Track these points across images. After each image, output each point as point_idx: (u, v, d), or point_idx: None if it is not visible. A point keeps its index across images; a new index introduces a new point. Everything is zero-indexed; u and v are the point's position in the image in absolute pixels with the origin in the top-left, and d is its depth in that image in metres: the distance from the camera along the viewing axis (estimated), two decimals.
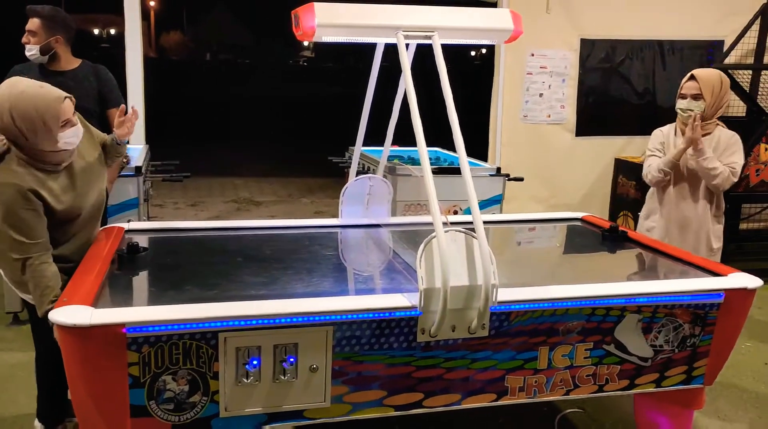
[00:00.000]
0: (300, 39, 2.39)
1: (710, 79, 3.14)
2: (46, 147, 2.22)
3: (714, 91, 3.13)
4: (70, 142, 2.27)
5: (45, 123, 2.18)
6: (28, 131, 2.18)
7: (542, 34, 5.39)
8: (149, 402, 1.93)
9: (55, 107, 2.20)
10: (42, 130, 2.18)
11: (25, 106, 2.16)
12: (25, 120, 2.16)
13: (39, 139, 2.20)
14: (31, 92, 2.19)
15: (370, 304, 2.07)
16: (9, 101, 2.17)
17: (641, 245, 2.95)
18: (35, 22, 3.28)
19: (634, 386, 2.39)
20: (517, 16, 2.43)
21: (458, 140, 2.18)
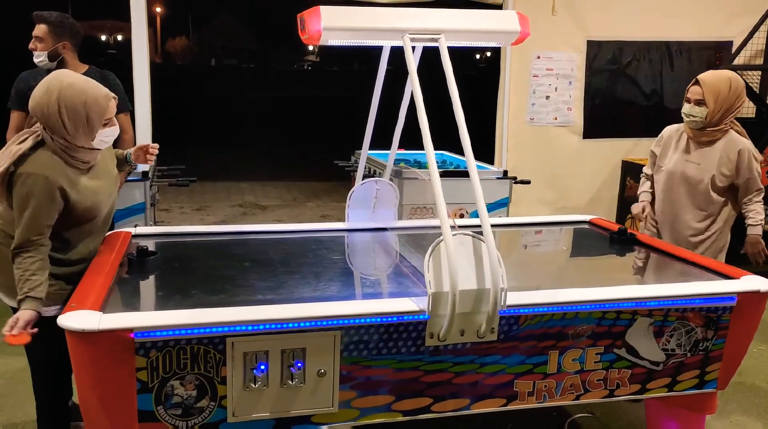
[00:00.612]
0: (306, 43, 2.38)
1: (716, 84, 3.01)
2: (83, 142, 2.24)
3: (720, 97, 2.99)
4: (105, 140, 2.31)
5: (89, 119, 2.20)
6: (71, 123, 2.19)
7: (548, 36, 5.37)
8: (157, 407, 1.92)
9: (102, 104, 2.23)
10: (84, 125, 2.20)
11: (73, 98, 2.18)
12: (70, 112, 2.17)
13: (79, 134, 2.21)
14: (80, 86, 2.21)
15: (378, 308, 2.05)
16: (58, 91, 2.18)
17: (651, 248, 2.93)
18: (42, 28, 3.29)
19: (645, 391, 2.36)
20: (524, 18, 2.42)
21: (466, 143, 2.17)
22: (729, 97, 3.01)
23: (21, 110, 3.39)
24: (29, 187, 2.15)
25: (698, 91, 3.03)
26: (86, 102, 2.19)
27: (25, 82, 3.39)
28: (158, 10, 33.59)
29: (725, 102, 3.01)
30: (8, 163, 2.16)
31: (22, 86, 3.38)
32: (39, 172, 2.17)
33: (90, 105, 2.20)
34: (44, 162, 2.19)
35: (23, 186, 2.16)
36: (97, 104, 2.22)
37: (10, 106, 3.42)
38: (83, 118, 2.20)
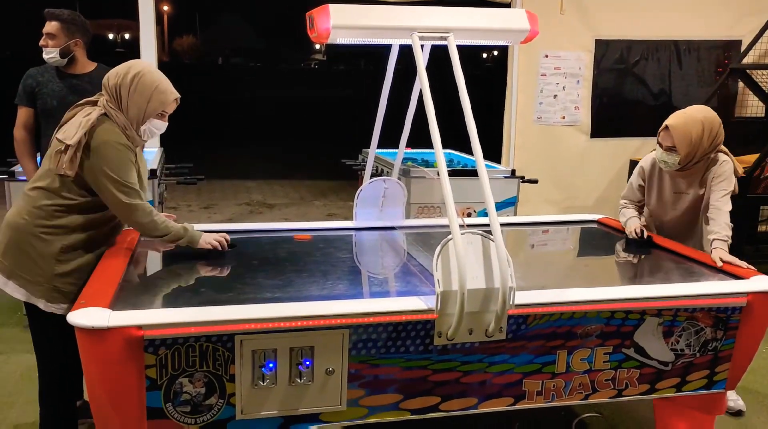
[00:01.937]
0: (315, 41, 2.39)
1: (686, 129, 2.78)
2: (133, 122, 2.38)
3: (692, 142, 2.78)
4: (152, 131, 2.44)
5: (151, 101, 2.37)
6: (135, 98, 2.35)
7: (556, 35, 5.36)
8: (166, 404, 1.93)
9: (168, 96, 2.41)
10: (143, 106, 2.36)
11: (149, 79, 2.37)
12: (140, 89, 2.35)
13: (135, 112, 2.36)
14: (158, 74, 2.43)
15: (386, 307, 2.05)
16: (140, 68, 2.38)
17: (661, 248, 2.91)
18: (55, 25, 3.30)
19: (654, 391, 2.35)
20: (533, 17, 2.41)
21: (475, 142, 2.17)
22: (702, 141, 2.80)
23: (28, 106, 3.41)
24: (116, 152, 2.30)
25: (668, 138, 2.84)
26: (157, 87, 2.38)
27: (33, 79, 3.41)
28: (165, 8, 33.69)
29: (699, 146, 2.81)
30: (81, 133, 2.28)
31: (30, 82, 3.40)
32: (114, 139, 2.32)
33: (158, 92, 2.38)
34: (116, 132, 2.34)
35: (110, 153, 2.30)
36: (164, 94, 2.40)
37: (17, 102, 3.44)
38: (146, 100, 2.36)
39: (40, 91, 3.37)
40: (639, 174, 3.14)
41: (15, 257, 2.38)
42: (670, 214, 3.04)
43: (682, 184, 2.98)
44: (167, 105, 2.42)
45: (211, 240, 2.56)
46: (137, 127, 2.40)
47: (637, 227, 2.96)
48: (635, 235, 2.93)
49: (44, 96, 3.35)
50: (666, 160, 2.89)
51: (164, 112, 2.43)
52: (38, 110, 3.39)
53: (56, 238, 2.36)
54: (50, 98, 3.34)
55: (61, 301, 2.39)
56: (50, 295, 2.38)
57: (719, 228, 2.73)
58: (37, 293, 2.38)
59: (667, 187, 3.03)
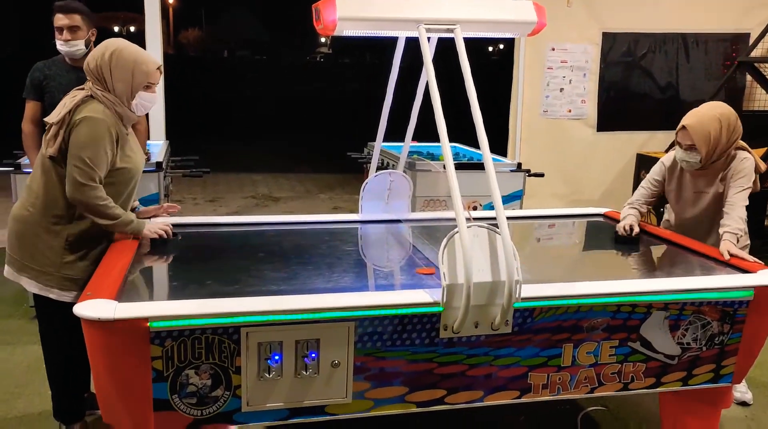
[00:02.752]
0: (321, 33, 2.37)
1: (703, 127, 2.77)
2: (123, 99, 2.39)
3: (711, 138, 2.77)
4: (143, 105, 2.45)
5: (134, 75, 2.37)
6: (117, 76, 2.36)
7: (563, 27, 5.33)
8: (172, 396, 1.93)
9: (150, 66, 2.41)
10: (128, 80, 2.37)
11: (127, 53, 2.39)
12: (120, 65, 2.36)
13: (122, 88, 2.38)
14: (134, 47, 2.44)
15: (392, 299, 2.05)
16: (116, 45, 2.40)
17: (668, 242, 2.90)
18: (77, 18, 3.29)
19: (660, 384, 2.35)
20: (540, 8, 2.40)
21: (482, 135, 2.15)
22: (721, 137, 2.79)
23: (36, 100, 3.41)
24: (88, 128, 2.30)
25: (687, 137, 2.82)
26: (136, 60, 2.39)
27: (40, 72, 3.40)
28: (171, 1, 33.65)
29: (718, 142, 2.79)
30: (64, 112, 2.31)
31: (37, 76, 3.40)
32: (97, 116, 2.32)
33: (140, 62, 2.39)
34: (99, 110, 2.35)
35: (83, 128, 2.30)
36: (145, 65, 2.40)
37: (25, 95, 3.44)
38: (130, 74, 2.37)
39: (48, 85, 3.37)
40: (659, 171, 3.09)
41: (24, 249, 2.40)
42: (690, 212, 3.01)
43: (702, 183, 2.93)
44: (151, 75, 2.42)
45: (156, 229, 2.52)
46: (128, 103, 2.40)
47: (627, 224, 2.94)
48: (623, 232, 2.92)
49: (52, 89, 3.35)
50: (687, 160, 2.86)
51: (150, 83, 2.43)
52: (46, 104, 3.39)
53: (61, 227, 2.37)
54: (58, 92, 3.33)
55: (73, 288, 2.40)
56: (62, 283, 2.40)
57: (731, 221, 2.71)
58: (48, 283, 2.39)
59: (687, 187, 2.99)
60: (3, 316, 3.97)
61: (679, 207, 3.06)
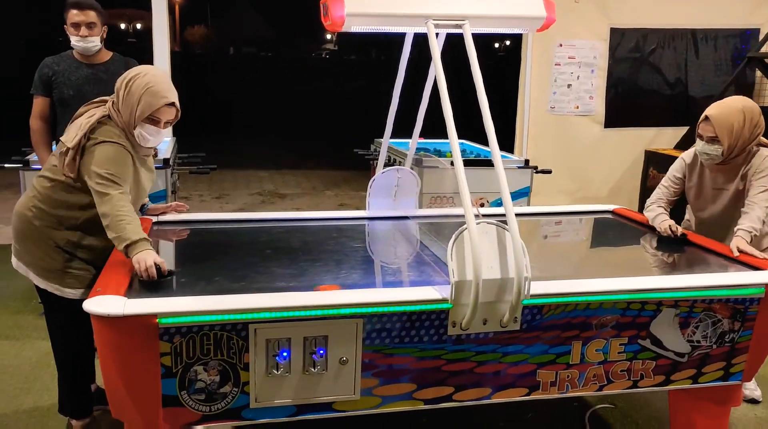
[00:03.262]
0: (329, 29, 2.37)
1: (726, 118, 2.75)
2: (127, 125, 2.33)
3: (734, 131, 2.74)
4: (144, 137, 2.35)
5: (140, 103, 2.29)
6: (126, 100, 2.31)
7: (571, 23, 5.30)
8: (181, 392, 1.94)
9: (157, 99, 2.30)
10: (133, 108, 2.30)
11: (143, 81, 2.30)
12: (132, 90, 2.30)
13: (126, 114, 2.32)
14: (153, 76, 2.34)
15: (400, 296, 2.05)
16: (140, 71, 2.34)
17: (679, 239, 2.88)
18: (92, 14, 3.30)
19: (669, 382, 2.34)
20: (549, 4, 2.38)
21: (491, 132, 2.15)
22: (744, 131, 2.75)
23: (44, 95, 3.41)
24: (102, 153, 2.26)
25: (709, 129, 2.78)
26: (148, 89, 2.29)
27: (49, 68, 3.40)
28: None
29: (741, 135, 2.75)
30: (80, 134, 2.27)
31: (46, 72, 3.40)
32: (113, 140, 2.28)
33: (149, 93, 2.29)
34: (115, 133, 2.32)
35: (97, 154, 2.25)
36: (153, 97, 2.29)
37: (33, 91, 3.44)
38: (136, 100, 2.30)
39: (57, 81, 3.37)
40: (680, 167, 3.06)
41: (27, 246, 2.41)
42: (709, 211, 2.97)
43: (721, 179, 2.90)
44: (155, 108, 2.30)
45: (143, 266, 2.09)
46: (129, 131, 2.34)
47: (672, 225, 2.87)
48: (669, 233, 2.84)
49: (60, 85, 3.36)
50: (708, 152, 2.82)
51: (155, 118, 2.32)
52: (55, 100, 3.39)
53: (63, 228, 2.37)
54: (67, 88, 3.34)
55: (76, 286, 2.41)
56: (64, 280, 2.40)
57: (747, 220, 2.68)
58: (52, 280, 2.40)
59: (707, 183, 2.96)
60: (12, 311, 3.99)
61: (699, 204, 3.02)
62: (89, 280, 2.35)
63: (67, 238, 2.38)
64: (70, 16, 3.28)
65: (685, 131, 5.49)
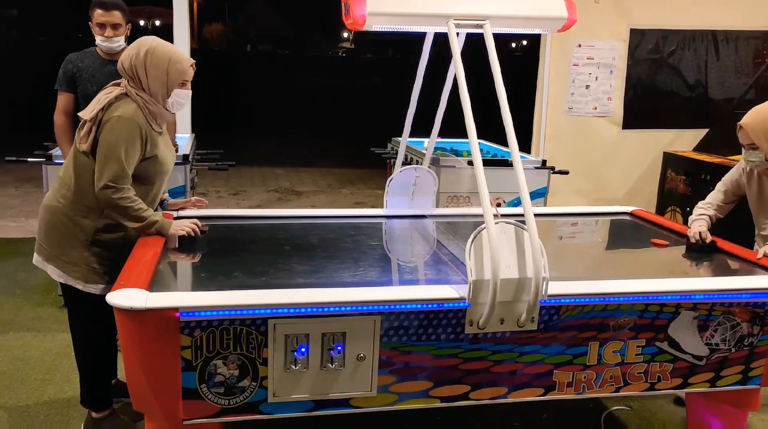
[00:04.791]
0: (350, 28, 2.38)
1: (760, 124, 2.72)
2: (158, 97, 2.43)
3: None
4: (179, 102, 2.48)
5: (169, 74, 2.41)
6: (152, 76, 2.40)
7: (590, 24, 5.27)
8: (200, 385, 1.96)
9: (184, 65, 2.45)
10: (164, 79, 2.41)
11: (162, 51, 2.42)
12: (155, 63, 2.40)
13: (157, 87, 2.41)
14: (168, 46, 2.47)
15: (418, 294, 2.06)
16: (149, 45, 2.42)
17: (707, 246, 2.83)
18: (118, 15, 3.35)
19: (687, 385, 2.33)
20: (571, 4, 2.38)
21: (510, 133, 2.15)
22: None
23: (68, 92, 3.46)
24: (119, 129, 2.33)
25: (746, 137, 2.77)
26: (171, 58, 2.42)
27: (73, 64, 3.45)
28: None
29: None
30: (98, 109, 2.36)
31: (70, 68, 3.45)
32: (127, 116, 2.35)
33: (174, 61, 2.42)
34: (131, 109, 2.38)
35: (113, 129, 2.33)
36: (180, 63, 2.43)
37: (57, 87, 3.49)
38: (164, 73, 2.40)
39: (81, 77, 3.42)
40: (736, 172, 2.99)
41: (52, 239, 2.45)
42: None
43: None
44: (186, 72, 2.45)
45: (183, 227, 2.48)
46: (164, 102, 2.44)
47: (702, 230, 2.81)
48: (698, 239, 2.79)
49: (85, 81, 3.40)
50: (752, 159, 2.79)
51: (185, 81, 2.47)
52: (78, 95, 3.44)
53: (90, 220, 2.42)
54: (91, 84, 3.38)
55: (98, 281, 2.45)
56: (87, 275, 2.44)
57: None
58: (74, 274, 2.44)
59: (766, 189, 2.89)
60: (33, 304, 4.05)
61: (761, 214, 2.92)
62: (111, 275, 2.39)
63: (95, 226, 2.42)
64: (95, 15, 3.33)
65: (704, 133, 5.44)
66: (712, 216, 2.95)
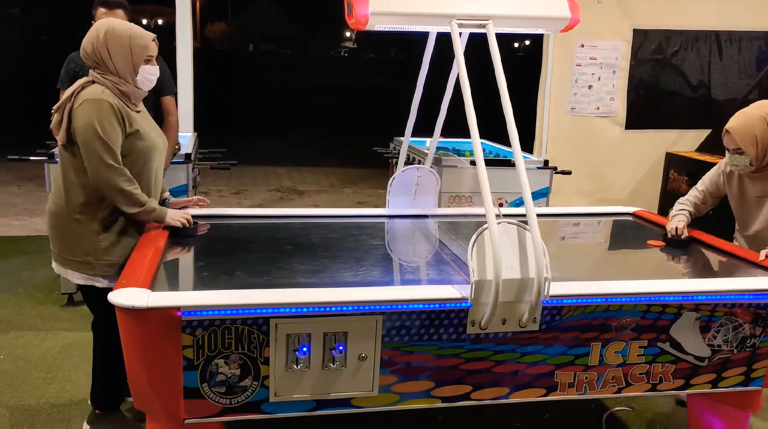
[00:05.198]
0: (353, 27, 2.38)
1: (747, 129, 2.69)
2: (127, 77, 2.40)
3: (758, 140, 2.68)
4: (148, 78, 2.46)
5: (132, 50, 2.39)
6: (116, 55, 2.37)
7: (593, 24, 5.26)
8: (202, 384, 1.96)
9: (145, 39, 2.42)
10: (128, 57, 2.38)
11: (120, 31, 2.39)
12: (116, 44, 2.37)
13: (123, 66, 2.38)
14: (125, 24, 2.47)
15: (420, 294, 2.06)
16: (107, 26, 2.40)
17: (700, 242, 2.86)
18: (121, 13, 3.35)
19: (689, 386, 2.32)
20: (574, 4, 2.38)
21: (513, 133, 2.15)
22: None
23: None
24: (90, 110, 2.31)
25: (732, 141, 2.75)
26: (131, 35, 2.39)
27: (75, 63, 3.45)
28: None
29: (765, 141, 2.69)
30: (64, 97, 2.36)
31: (73, 66, 3.45)
32: (95, 97, 2.33)
33: (135, 37, 2.39)
34: (98, 91, 2.36)
35: (85, 112, 2.31)
36: (141, 38, 2.41)
37: (60, 86, 3.49)
38: (128, 50, 2.38)
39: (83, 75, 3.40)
40: (716, 171, 2.99)
41: (62, 242, 2.44)
42: (756, 223, 2.87)
43: (760, 187, 2.83)
44: (149, 48, 2.42)
45: (178, 217, 2.54)
46: (133, 80, 2.42)
47: (680, 226, 2.84)
48: (673, 234, 2.83)
49: None
50: (736, 163, 2.78)
51: (149, 56, 2.43)
52: None
53: (87, 216, 2.41)
54: None
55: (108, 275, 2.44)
56: (104, 271, 2.44)
57: None
58: (92, 272, 2.43)
59: (748, 191, 2.88)
60: (36, 302, 4.06)
61: (743, 214, 2.92)
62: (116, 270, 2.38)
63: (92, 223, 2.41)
64: (98, 14, 3.33)
65: (707, 134, 5.43)
66: (692, 212, 2.98)
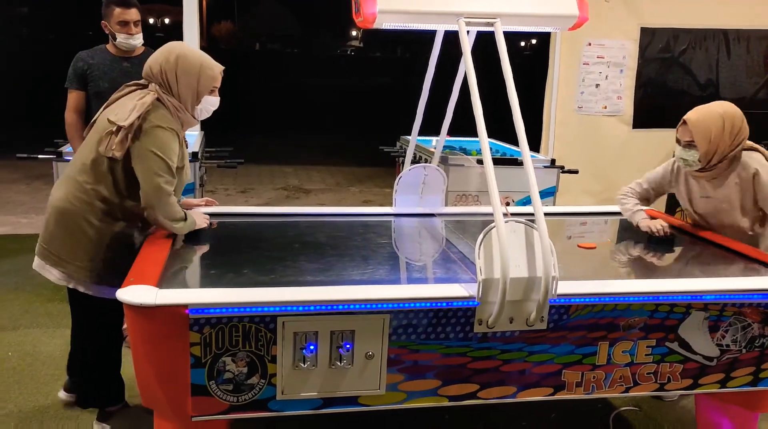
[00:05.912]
0: (360, 26, 2.38)
1: (704, 124, 2.65)
2: (188, 104, 2.41)
3: (712, 137, 2.64)
4: (207, 109, 2.47)
5: (200, 80, 2.40)
6: (183, 81, 2.38)
7: (600, 22, 5.24)
8: (209, 382, 1.97)
9: (215, 70, 2.43)
10: (194, 85, 2.40)
11: (192, 59, 2.40)
12: (186, 70, 2.38)
13: (187, 92, 2.39)
14: (198, 52, 2.47)
15: (428, 293, 2.06)
16: (179, 50, 2.41)
17: (709, 242, 2.84)
18: (136, 12, 3.39)
19: (697, 386, 2.31)
20: (582, 2, 2.37)
21: (520, 131, 2.14)
22: (724, 137, 2.64)
23: (79, 89, 3.48)
24: (165, 138, 2.32)
25: (687, 132, 2.70)
26: (203, 65, 2.40)
27: (84, 61, 3.47)
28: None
29: (720, 142, 2.65)
30: (135, 116, 2.30)
31: (81, 65, 3.46)
32: (166, 125, 2.33)
33: (204, 68, 2.40)
34: (168, 118, 2.36)
35: (155, 138, 2.31)
36: (211, 69, 2.42)
37: (68, 85, 3.50)
38: (196, 79, 2.39)
39: (92, 74, 3.43)
40: (662, 171, 3.00)
41: (61, 241, 2.42)
42: (705, 218, 2.90)
43: (708, 188, 2.81)
44: (216, 79, 2.44)
45: (204, 220, 2.58)
46: (192, 109, 2.41)
47: (665, 225, 2.84)
48: (662, 234, 2.80)
49: (96, 79, 3.42)
50: (685, 158, 2.73)
51: (215, 87, 2.45)
52: (90, 93, 3.45)
53: (105, 225, 2.41)
54: (102, 81, 3.40)
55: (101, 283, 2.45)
56: (94, 277, 2.44)
57: None
58: (79, 275, 2.42)
59: (694, 190, 2.89)
60: (44, 300, 4.08)
61: (697, 211, 2.94)
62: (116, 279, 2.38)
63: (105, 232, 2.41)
64: (116, 14, 3.33)
65: None
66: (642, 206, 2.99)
